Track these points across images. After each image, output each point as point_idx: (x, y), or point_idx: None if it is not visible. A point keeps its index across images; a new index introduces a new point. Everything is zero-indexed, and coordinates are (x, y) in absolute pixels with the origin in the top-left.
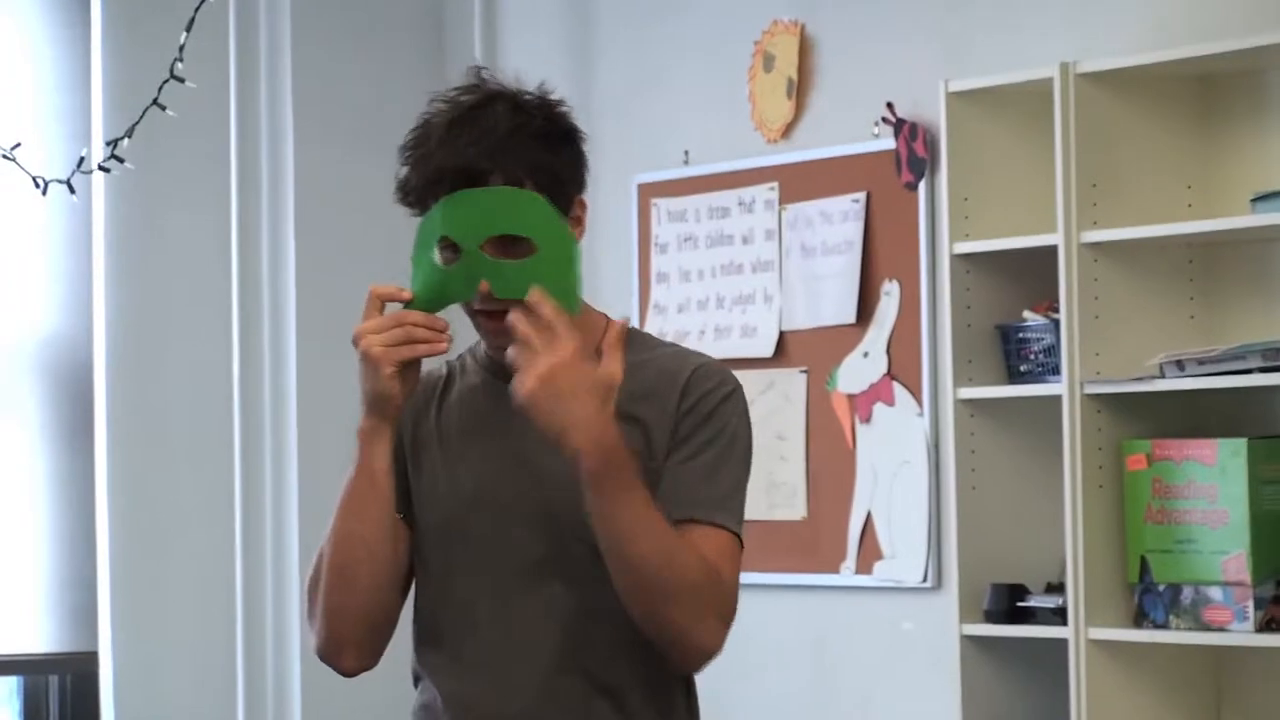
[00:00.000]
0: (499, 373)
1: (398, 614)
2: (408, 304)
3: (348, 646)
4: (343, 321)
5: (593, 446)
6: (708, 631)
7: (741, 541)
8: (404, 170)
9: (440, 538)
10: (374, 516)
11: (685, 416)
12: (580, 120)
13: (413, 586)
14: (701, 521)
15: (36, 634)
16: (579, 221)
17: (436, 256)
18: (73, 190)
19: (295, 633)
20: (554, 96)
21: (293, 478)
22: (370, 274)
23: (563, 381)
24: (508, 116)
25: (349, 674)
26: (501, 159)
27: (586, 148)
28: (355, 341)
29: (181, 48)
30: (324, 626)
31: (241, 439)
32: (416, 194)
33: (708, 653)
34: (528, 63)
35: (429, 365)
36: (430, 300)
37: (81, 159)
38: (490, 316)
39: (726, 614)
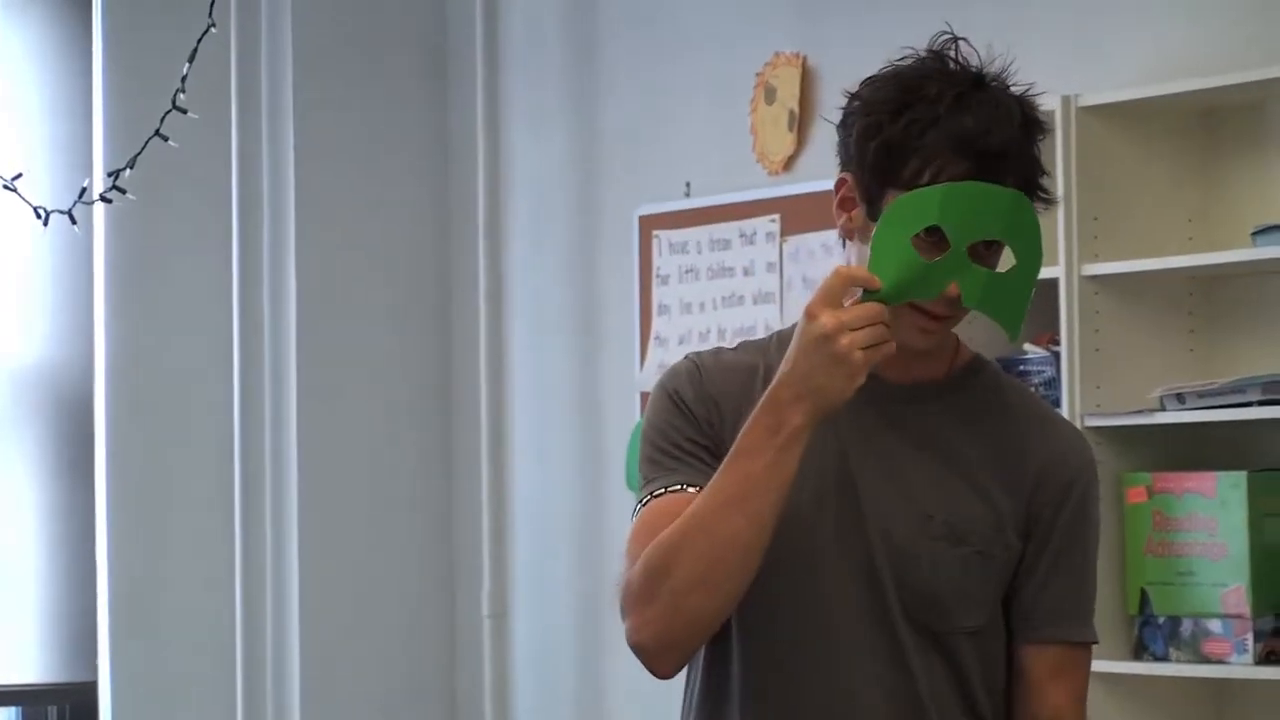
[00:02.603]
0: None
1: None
2: (872, 293)
3: (681, 648)
4: (344, 351)
5: None
6: None
7: None
8: (888, 128)
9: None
10: (767, 521)
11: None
12: (581, 151)
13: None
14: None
15: (35, 664)
16: None
17: (911, 244)
18: (74, 221)
19: (294, 663)
20: (1036, 94)
21: (293, 510)
22: (372, 302)
23: None
24: (1018, 109)
25: (666, 676)
26: (1019, 157)
27: (584, 182)
28: (829, 334)
29: (184, 78)
30: (663, 619)
31: (241, 470)
32: (901, 159)
33: None
34: (530, 91)
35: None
36: (900, 293)
37: (83, 189)
38: (926, 316)
39: None
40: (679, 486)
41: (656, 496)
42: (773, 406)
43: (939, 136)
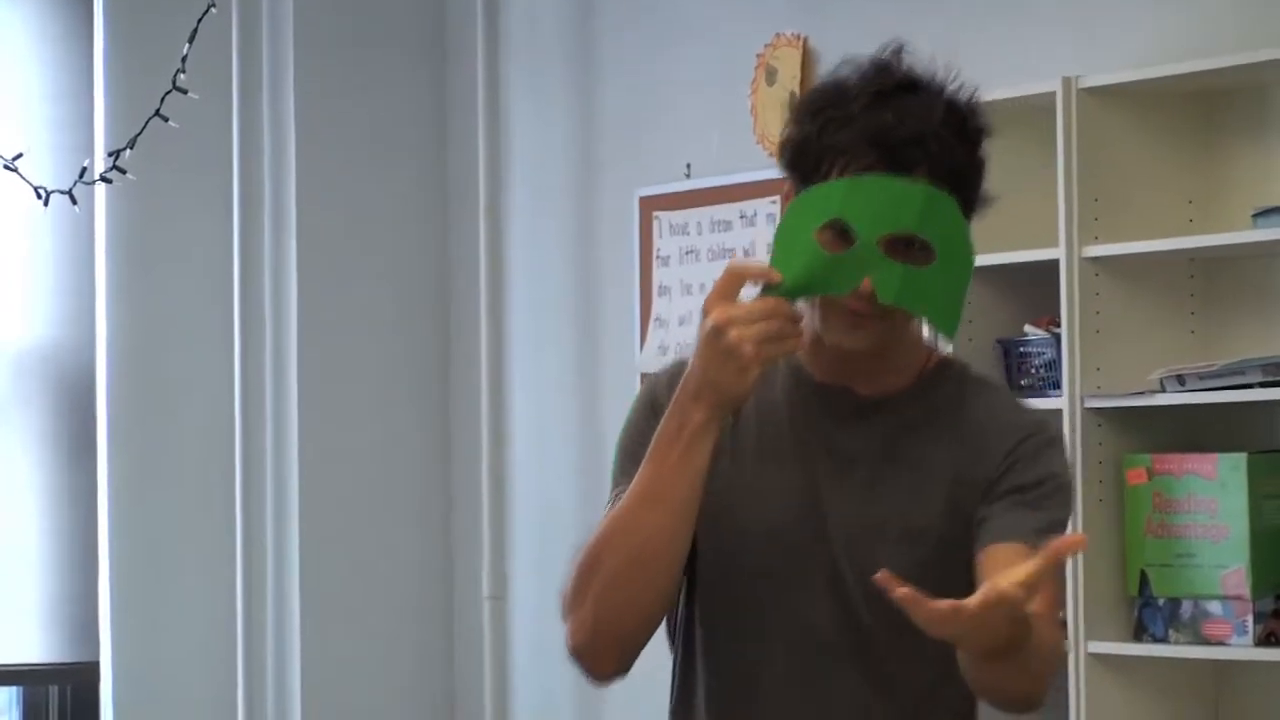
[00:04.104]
0: (808, 381)
1: (659, 621)
2: (773, 288)
3: (616, 648)
4: (345, 333)
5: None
6: (1048, 685)
7: None
8: (804, 126)
9: (711, 561)
10: (682, 516)
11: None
12: (582, 132)
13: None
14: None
15: (37, 644)
16: None
17: (815, 238)
18: (75, 201)
19: (296, 643)
20: (976, 95)
21: (294, 488)
22: (373, 283)
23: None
24: (943, 107)
25: (606, 679)
26: (934, 151)
27: (584, 163)
28: (718, 328)
29: (184, 58)
30: (592, 619)
31: (243, 450)
32: (816, 156)
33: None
34: (530, 72)
35: None
36: (803, 288)
37: (84, 169)
38: (847, 313)
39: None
40: None
41: (618, 499)
42: (678, 404)
43: (852, 132)
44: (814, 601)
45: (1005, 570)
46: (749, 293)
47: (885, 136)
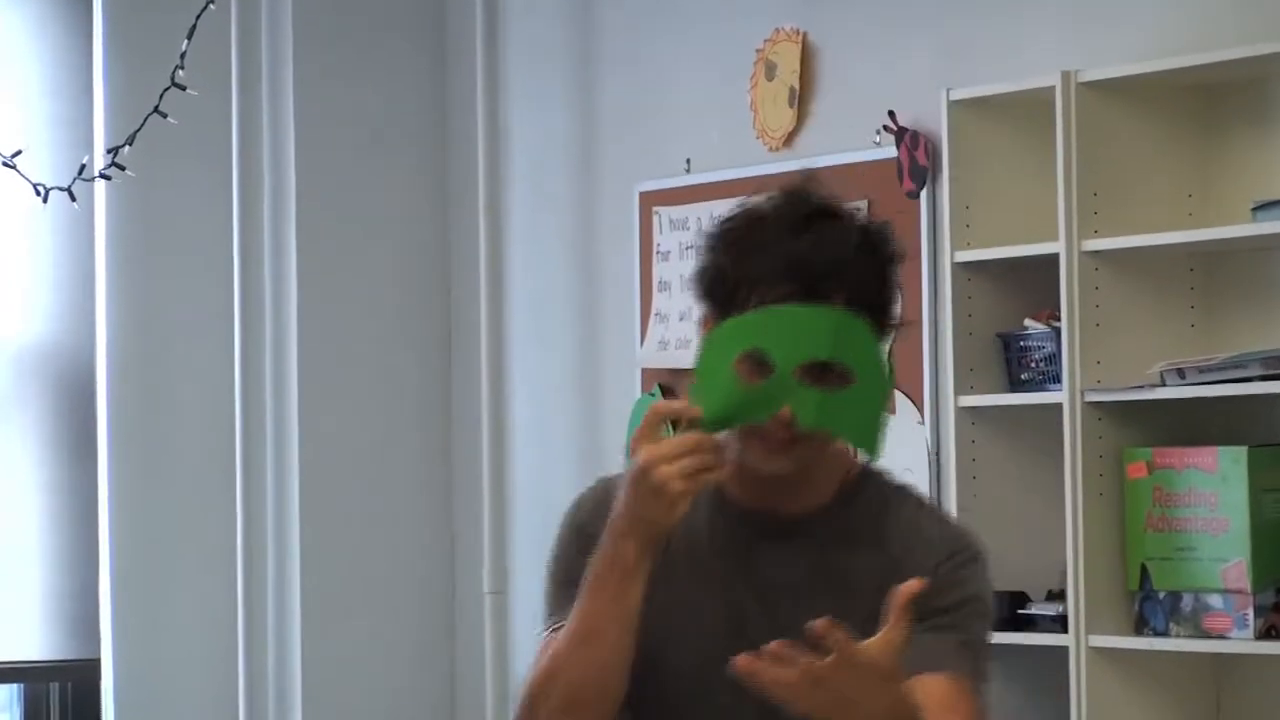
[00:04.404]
0: (732, 505)
1: None
2: (695, 422)
3: None
4: (345, 328)
5: None
6: None
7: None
8: (720, 256)
9: (649, 685)
10: (620, 650)
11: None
12: (581, 127)
13: None
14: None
15: (37, 641)
16: None
17: (734, 371)
18: (74, 198)
19: (296, 640)
20: (885, 226)
21: (295, 484)
22: (372, 279)
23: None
24: (857, 234)
25: None
26: (849, 279)
27: (585, 158)
28: (645, 468)
29: (183, 55)
30: None
31: (243, 447)
32: (732, 287)
33: None
34: (529, 67)
35: None
36: (723, 421)
37: (83, 166)
38: (768, 439)
39: None
40: None
41: (554, 630)
42: (610, 541)
43: (766, 262)
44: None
45: (935, 707)
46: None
47: (802, 265)
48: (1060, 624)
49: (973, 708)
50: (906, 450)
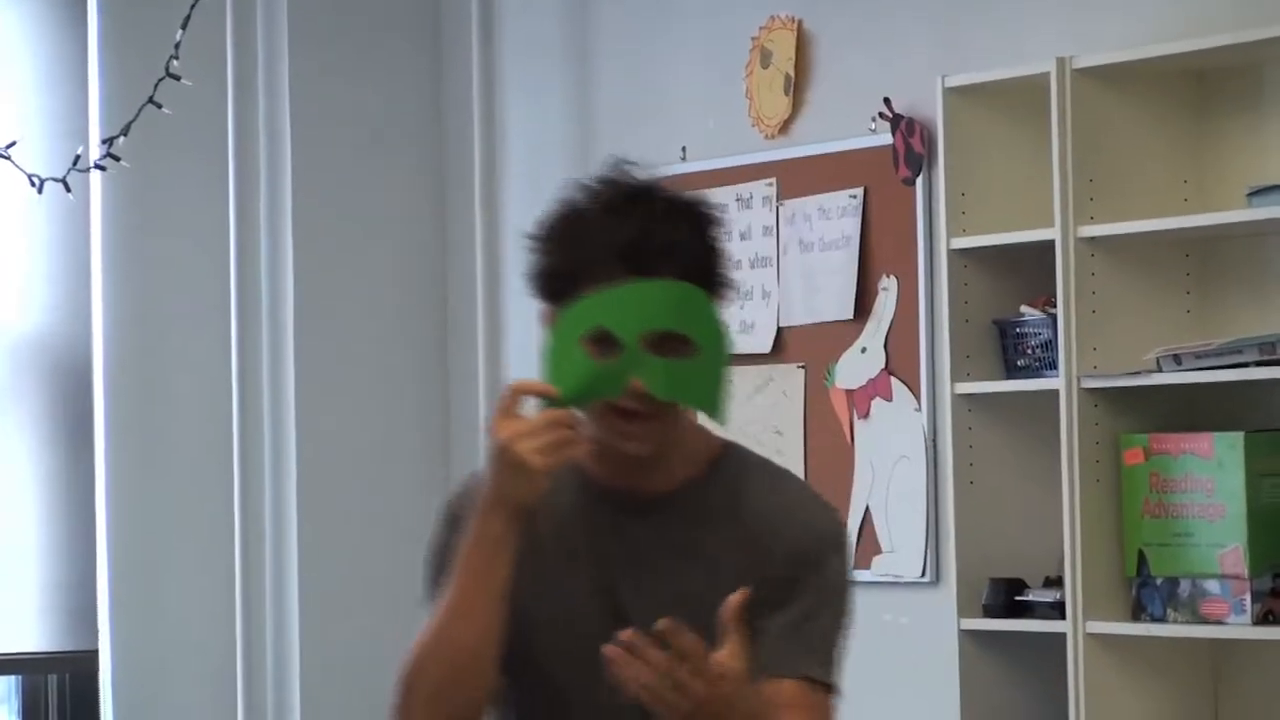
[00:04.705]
0: (594, 484)
1: (485, 716)
2: (551, 401)
3: None
4: (341, 320)
5: None
6: None
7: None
8: (547, 256)
9: (522, 664)
10: (490, 625)
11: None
12: (577, 116)
13: None
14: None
15: (35, 633)
16: None
17: (582, 349)
18: (69, 189)
19: (294, 631)
20: (699, 196)
21: (291, 476)
22: (368, 271)
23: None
24: (676, 209)
25: None
26: (676, 253)
27: (582, 148)
28: (503, 446)
29: (177, 45)
30: None
31: (240, 438)
32: (564, 279)
33: None
34: (525, 60)
35: None
36: (579, 397)
37: (77, 157)
38: (623, 415)
39: None
40: None
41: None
42: (477, 519)
43: (594, 251)
44: (621, 701)
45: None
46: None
47: (628, 248)
48: (1058, 611)
49: (821, 716)
50: (903, 438)
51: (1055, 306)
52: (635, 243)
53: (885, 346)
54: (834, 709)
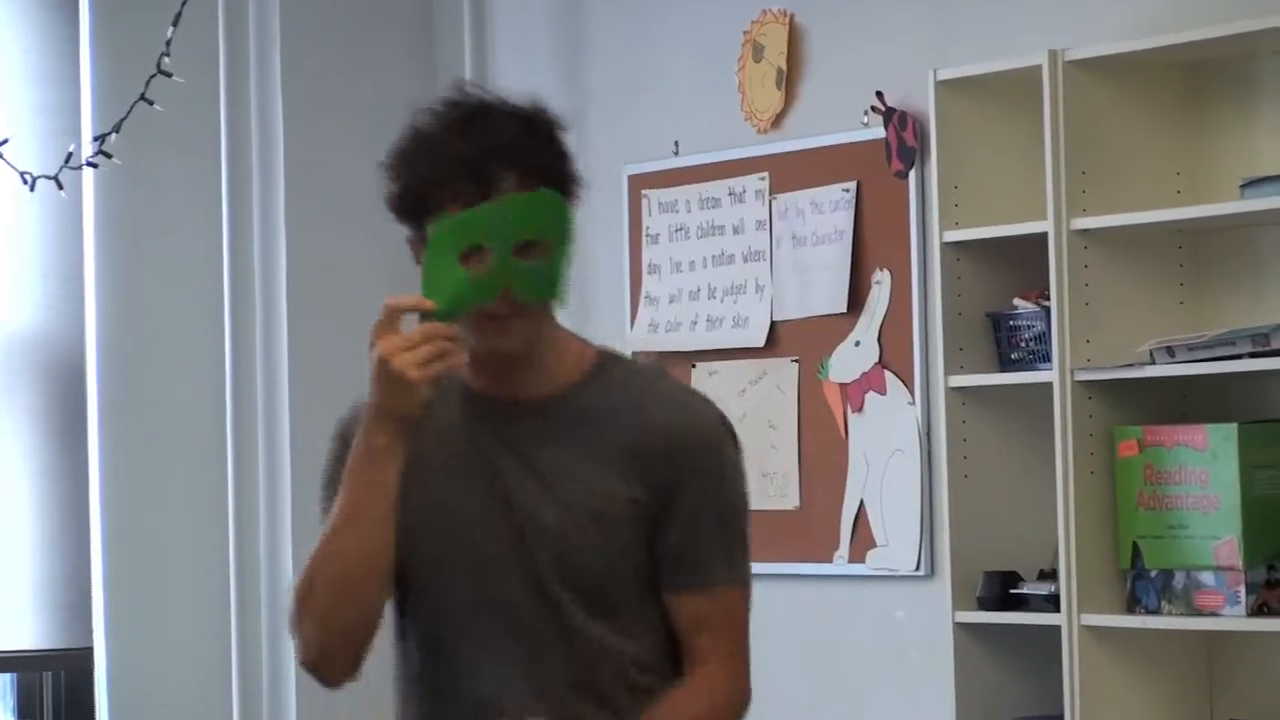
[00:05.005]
0: (476, 395)
1: (379, 627)
2: (428, 314)
3: (340, 658)
4: (334, 316)
5: None
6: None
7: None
8: (399, 179)
9: (419, 574)
10: (380, 534)
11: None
12: (570, 111)
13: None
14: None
15: (30, 630)
16: None
17: (456, 263)
18: (61, 186)
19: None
20: (538, 99)
21: (286, 472)
22: (362, 267)
23: None
24: (509, 119)
25: (335, 685)
26: (520, 161)
27: (574, 142)
28: (382, 359)
29: (169, 42)
30: (316, 637)
31: (234, 434)
32: (420, 200)
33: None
34: (518, 54)
35: None
36: (456, 310)
37: (69, 154)
38: (495, 320)
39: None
40: None
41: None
42: (363, 432)
43: (441, 167)
44: (515, 592)
45: (696, 633)
46: (410, 323)
47: (473, 162)
48: (1052, 603)
49: (727, 623)
50: (897, 431)
51: (1049, 299)
52: (476, 158)
53: (879, 340)
54: (746, 601)
